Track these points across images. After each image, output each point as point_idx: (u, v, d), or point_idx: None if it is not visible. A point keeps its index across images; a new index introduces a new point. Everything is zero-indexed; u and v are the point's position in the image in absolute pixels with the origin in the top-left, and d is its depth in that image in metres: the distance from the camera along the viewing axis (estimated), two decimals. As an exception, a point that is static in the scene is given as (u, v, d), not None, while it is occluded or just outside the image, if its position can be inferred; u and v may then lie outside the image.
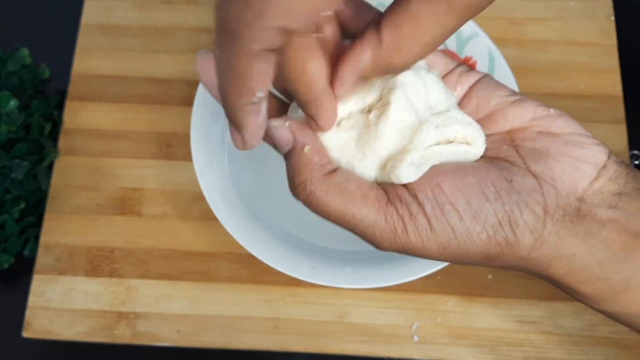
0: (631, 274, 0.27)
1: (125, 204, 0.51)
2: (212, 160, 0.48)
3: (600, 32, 0.57)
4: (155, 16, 0.57)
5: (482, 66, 0.52)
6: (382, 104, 0.27)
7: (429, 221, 0.26)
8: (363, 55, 0.25)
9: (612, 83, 0.55)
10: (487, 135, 0.28)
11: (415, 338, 0.47)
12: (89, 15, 0.57)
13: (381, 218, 0.26)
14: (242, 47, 0.22)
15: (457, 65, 0.30)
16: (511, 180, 0.27)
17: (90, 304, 0.48)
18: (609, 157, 0.27)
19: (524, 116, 0.28)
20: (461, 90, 0.29)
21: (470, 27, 0.52)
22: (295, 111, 0.28)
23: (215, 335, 0.47)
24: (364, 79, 0.26)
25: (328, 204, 0.27)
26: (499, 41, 0.52)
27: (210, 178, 0.47)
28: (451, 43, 0.53)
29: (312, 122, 0.27)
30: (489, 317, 0.48)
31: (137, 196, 0.51)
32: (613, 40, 0.56)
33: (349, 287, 0.45)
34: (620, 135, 0.53)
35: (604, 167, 0.27)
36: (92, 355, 0.48)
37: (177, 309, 0.48)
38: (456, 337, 0.47)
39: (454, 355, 0.47)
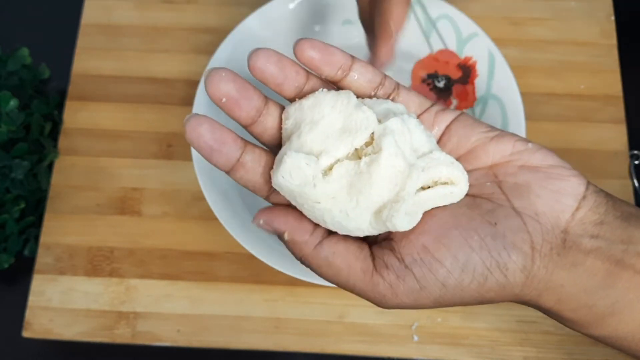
0: (616, 299, 0.27)
1: (126, 204, 0.51)
2: (212, 160, 0.48)
3: (600, 32, 0.57)
4: (155, 16, 0.58)
5: (482, 66, 0.52)
6: (373, 151, 0.27)
7: (418, 281, 0.27)
8: (390, 34, 0.39)
9: (612, 83, 0.55)
10: (470, 171, 0.29)
11: (415, 338, 0.47)
12: (89, 15, 0.57)
13: (369, 288, 0.28)
14: None
15: (432, 104, 0.30)
16: (495, 224, 0.27)
17: (91, 304, 0.48)
18: (587, 188, 0.28)
19: (504, 151, 0.29)
20: (439, 129, 0.30)
21: (470, 27, 0.52)
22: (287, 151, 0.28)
23: (215, 335, 0.47)
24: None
25: (322, 273, 0.29)
26: (499, 41, 0.52)
27: (210, 178, 0.47)
28: (451, 43, 0.53)
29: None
30: (488, 317, 0.48)
31: (137, 196, 0.51)
32: (613, 40, 0.56)
33: (349, 287, 0.45)
34: (619, 135, 0.53)
35: (584, 197, 0.28)
36: (92, 355, 0.48)
37: (177, 309, 0.48)
38: (456, 337, 0.47)
39: (454, 355, 0.47)
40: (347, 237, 0.29)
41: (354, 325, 0.48)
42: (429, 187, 0.28)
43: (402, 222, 0.26)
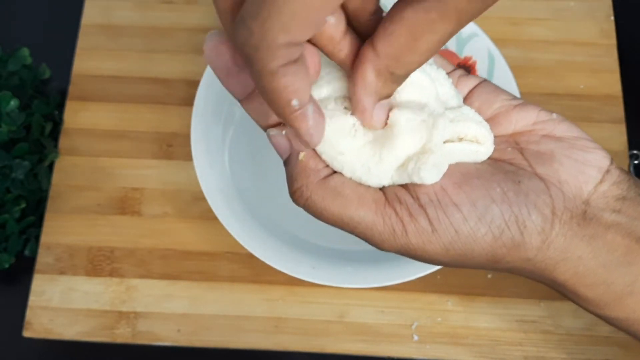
0: (635, 277, 0.27)
1: (126, 204, 0.51)
2: (213, 160, 0.48)
3: (599, 32, 0.57)
4: (155, 16, 0.58)
5: (482, 66, 0.52)
6: (395, 103, 0.26)
7: (431, 223, 0.26)
8: (367, 74, 0.24)
9: (611, 83, 0.55)
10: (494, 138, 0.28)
11: (415, 337, 0.47)
12: (89, 15, 0.58)
13: (379, 219, 0.26)
14: (261, 68, 0.22)
15: (455, 68, 0.30)
16: (519, 182, 0.27)
17: (91, 304, 0.48)
18: (611, 162, 0.28)
19: (527, 119, 0.28)
20: (461, 93, 0.29)
21: (470, 27, 0.52)
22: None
23: (215, 335, 0.47)
24: (382, 96, 0.26)
25: (325, 208, 0.27)
26: (499, 41, 0.52)
27: (211, 178, 0.47)
28: (451, 43, 0.53)
29: (299, 138, 0.26)
30: (488, 316, 0.48)
31: (137, 196, 0.52)
32: (613, 40, 0.56)
33: (349, 287, 0.46)
34: (619, 135, 0.53)
35: (608, 171, 0.27)
36: (92, 354, 0.48)
37: (177, 309, 0.48)
38: (456, 336, 0.47)
39: (454, 354, 0.47)
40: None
41: (354, 325, 0.48)
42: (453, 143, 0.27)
43: (431, 174, 0.26)
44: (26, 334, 0.47)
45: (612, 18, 0.57)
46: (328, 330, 0.47)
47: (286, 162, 0.27)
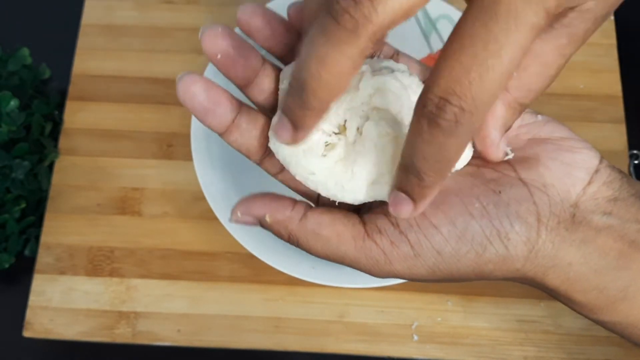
0: (628, 282, 0.26)
1: (126, 204, 0.51)
2: (213, 160, 0.48)
3: (600, 32, 0.56)
4: (155, 16, 0.58)
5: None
6: (363, 120, 0.26)
7: (412, 247, 0.26)
8: (497, 109, 0.25)
9: (611, 83, 0.55)
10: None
11: (415, 337, 0.47)
12: (89, 15, 0.58)
13: (360, 255, 0.26)
14: (340, 48, 0.21)
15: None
16: (499, 192, 0.26)
17: (91, 304, 0.48)
18: (600, 161, 0.27)
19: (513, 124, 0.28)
20: None
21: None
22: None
23: (215, 335, 0.47)
24: (508, 128, 0.27)
25: (311, 248, 0.27)
26: (498, 41, 0.52)
27: (211, 178, 0.47)
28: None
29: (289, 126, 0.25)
30: (488, 316, 0.48)
31: (137, 196, 0.52)
32: (613, 40, 0.56)
33: (349, 287, 0.46)
34: (619, 135, 0.53)
35: (597, 171, 0.27)
36: (92, 354, 0.48)
37: (177, 309, 0.48)
38: (456, 336, 0.47)
39: (454, 354, 0.47)
40: (332, 208, 0.27)
41: (354, 325, 0.48)
42: None
43: None
44: (26, 334, 0.47)
45: (612, 18, 0.57)
46: (328, 330, 0.47)
47: (263, 226, 0.28)
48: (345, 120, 0.26)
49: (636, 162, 0.52)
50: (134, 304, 0.48)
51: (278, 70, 0.27)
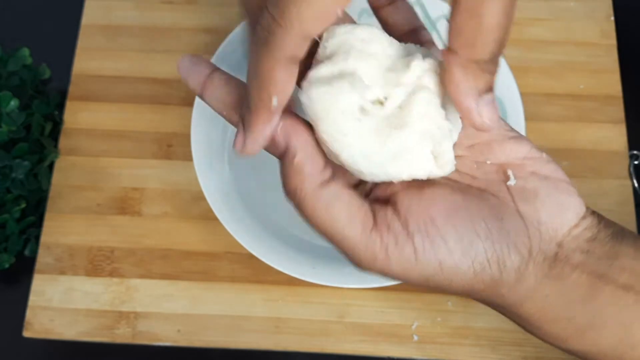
0: (596, 312, 0.27)
1: (126, 204, 0.51)
2: (213, 160, 0.48)
3: (599, 32, 0.57)
4: (155, 16, 0.58)
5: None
6: (406, 100, 0.26)
7: (415, 252, 0.26)
8: (454, 74, 0.25)
9: (611, 83, 0.55)
10: (481, 162, 0.29)
11: (415, 337, 0.47)
12: (89, 15, 0.58)
13: (362, 243, 0.26)
14: (268, 53, 0.23)
15: None
16: (502, 219, 0.27)
17: (91, 304, 0.48)
18: (587, 209, 0.29)
19: (519, 153, 0.29)
20: None
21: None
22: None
23: (215, 335, 0.47)
24: (482, 90, 0.25)
25: (314, 217, 0.26)
26: (498, 41, 0.52)
27: (211, 178, 0.47)
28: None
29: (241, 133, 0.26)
30: (488, 316, 0.48)
31: (137, 196, 0.52)
32: (613, 40, 0.56)
33: (349, 287, 0.46)
34: (619, 135, 0.53)
35: (584, 217, 0.28)
36: (92, 354, 0.48)
37: (177, 309, 0.48)
38: (456, 336, 0.47)
39: (454, 354, 0.47)
40: (350, 187, 0.27)
41: (354, 325, 0.48)
42: None
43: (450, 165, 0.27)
44: (26, 334, 0.47)
45: (612, 18, 0.57)
46: (328, 330, 0.47)
47: (281, 157, 0.27)
48: (386, 97, 0.26)
49: (636, 162, 0.52)
50: (134, 304, 0.48)
51: (228, 78, 0.28)
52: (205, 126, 0.49)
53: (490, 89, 0.25)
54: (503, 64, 0.51)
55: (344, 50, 0.26)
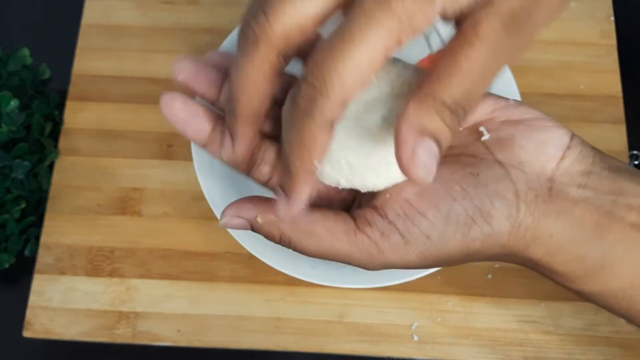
0: (606, 251, 0.27)
1: (126, 204, 0.51)
2: (213, 160, 0.48)
3: (599, 32, 0.57)
4: (155, 16, 0.58)
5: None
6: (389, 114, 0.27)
7: (402, 236, 0.27)
8: (408, 113, 0.24)
9: (611, 83, 0.55)
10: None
11: (415, 338, 0.47)
12: (89, 15, 0.58)
13: (353, 248, 0.27)
14: (312, 120, 0.23)
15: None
16: (477, 174, 0.27)
17: (91, 304, 0.48)
18: (572, 139, 0.28)
19: (486, 108, 0.29)
20: None
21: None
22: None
23: (215, 335, 0.47)
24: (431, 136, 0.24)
25: (305, 247, 0.28)
26: (498, 41, 0.52)
27: (211, 178, 0.47)
28: (451, 43, 0.53)
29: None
30: (489, 316, 0.48)
31: (137, 196, 0.52)
32: (613, 41, 0.56)
33: (348, 287, 0.46)
34: (619, 135, 0.53)
35: (569, 147, 0.28)
36: (92, 354, 0.48)
37: (177, 309, 0.48)
38: (456, 336, 0.47)
39: (454, 354, 0.47)
40: (321, 207, 0.28)
41: (354, 325, 0.48)
42: None
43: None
44: (26, 334, 0.47)
45: (612, 18, 0.57)
46: (328, 330, 0.47)
47: (254, 229, 0.29)
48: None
49: (636, 162, 0.52)
50: (134, 304, 0.48)
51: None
52: (205, 126, 0.49)
53: (438, 139, 0.23)
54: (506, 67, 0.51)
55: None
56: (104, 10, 0.58)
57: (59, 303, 0.48)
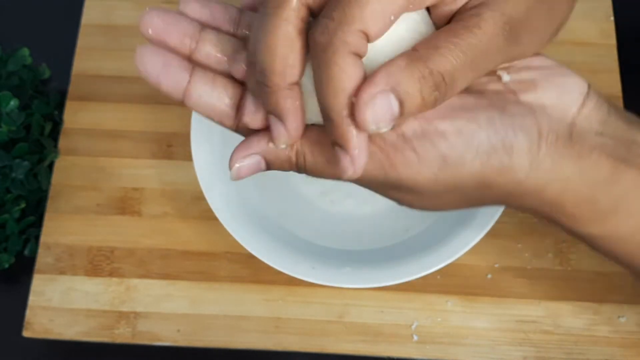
0: (619, 196, 0.28)
1: (126, 204, 0.51)
2: (212, 160, 0.48)
3: (599, 32, 0.57)
4: (155, 16, 0.57)
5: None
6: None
7: (417, 152, 0.26)
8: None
9: (611, 83, 0.55)
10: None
11: (415, 337, 0.47)
12: (89, 15, 0.57)
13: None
14: (333, 52, 0.23)
15: None
16: (504, 108, 0.27)
17: (91, 304, 0.48)
18: (589, 86, 0.29)
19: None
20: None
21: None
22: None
23: (215, 335, 0.47)
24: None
25: (318, 162, 0.28)
26: (498, 41, 0.52)
27: (210, 178, 0.47)
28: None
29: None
30: (488, 316, 0.48)
31: (137, 196, 0.52)
32: (612, 41, 0.56)
33: (348, 287, 0.46)
34: (619, 135, 0.53)
35: (587, 94, 0.28)
36: (92, 354, 0.48)
37: (177, 309, 0.48)
38: (456, 336, 0.47)
39: (454, 354, 0.47)
40: None
41: (354, 325, 0.48)
42: None
43: None
44: (26, 334, 0.47)
45: (612, 18, 0.57)
46: (328, 330, 0.47)
47: (268, 162, 0.29)
48: None
49: (636, 162, 0.52)
50: (134, 304, 0.48)
51: (221, 34, 0.29)
52: (205, 126, 0.49)
53: (404, 103, 0.24)
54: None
55: None
56: (104, 10, 0.58)
57: (58, 303, 0.48)
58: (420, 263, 0.44)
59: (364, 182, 0.28)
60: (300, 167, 0.28)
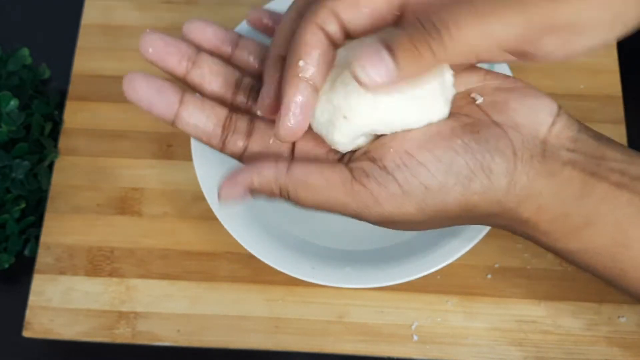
0: (590, 209, 0.29)
1: (126, 204, 0.51)
2: (212, 160, 0.48)
3: (599, 32, 0.56)
4: (155, 16, 0.58)
5: (481, 66, 0.52)
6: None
7: (400, 186, 0.27)
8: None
9: (611, 83, 0.55)
10: None
11: (415, 337, 0.47)
12: (89, 15, 0.57)
13: (349, 199, 0.28)
14: (304, 19, 0.27)
15: None
16: (478, 131, 0.28)
17: (91, 304, 0.48)
18: (559, 108, 0.30)
19: (476, 77, 0.31)
20: None
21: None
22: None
23: (215, 335, 0.47)
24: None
25: (301, 198, 0.29)
26: (498, 41, 0.52)
27: (211, 178, 0.47)
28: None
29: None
30: (488, 316, 0.48)
31: (137, 196, 0.52)
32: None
33: (348, 287, 0.46)
34: (619, 135, 0.53)
35: (558, 115, 0.30)
36: (92, 354, 0.48)
37: (177, 309, 0.48)
38: (456, 336, 0.47)
39: (454, 354, 0.47)
40: (316, 160, 0.29)
41: (354, 325, 0.48)
42: None
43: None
44: (26, 334, 0.47)
45: (612, 18, 0.57)
46: (328, 330, 0.47)
47: (253, 193, 0.30)
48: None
49: (636, 162, 0.52)
50: (134, 304, 0.48)
51: (215, 58, 0.32)
52: (205, 126, 0.49)
53: (398, 61, 0.26)
54: (503, 64, 0.51)
55: (341, 63, 0.29)
56: (104, 10, 0.58)
57: (58, 303, 0.48)
58: (420, 263, 0.44)
59: (347, 216, 0.29)
60: (284, 198, 0.30)
